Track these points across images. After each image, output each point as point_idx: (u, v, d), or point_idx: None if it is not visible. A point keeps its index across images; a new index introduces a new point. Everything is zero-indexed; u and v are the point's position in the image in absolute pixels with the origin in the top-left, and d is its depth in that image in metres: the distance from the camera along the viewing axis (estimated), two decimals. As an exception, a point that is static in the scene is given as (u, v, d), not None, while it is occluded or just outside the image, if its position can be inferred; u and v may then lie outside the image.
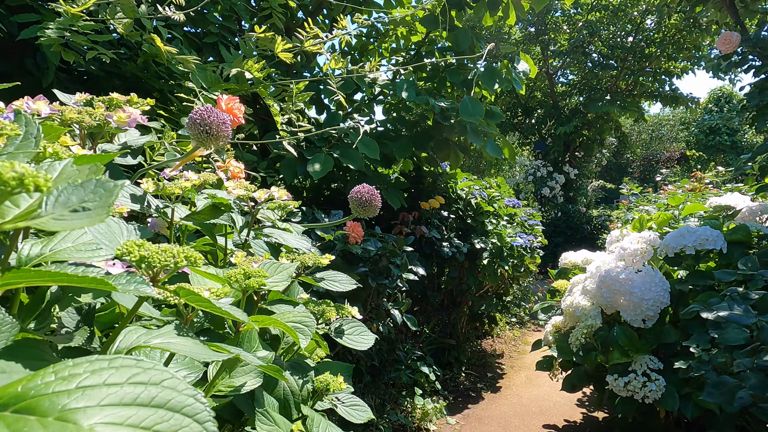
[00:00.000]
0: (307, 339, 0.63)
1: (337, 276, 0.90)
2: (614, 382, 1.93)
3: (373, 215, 0.99)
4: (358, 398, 0.84)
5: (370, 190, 0.96)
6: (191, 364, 0.54)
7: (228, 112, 1.42)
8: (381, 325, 2.32)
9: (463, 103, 3.01)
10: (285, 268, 0.71)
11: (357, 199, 0.95)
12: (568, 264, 2.81)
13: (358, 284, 0.91)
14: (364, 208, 0.96)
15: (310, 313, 0.68)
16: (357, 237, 2.06)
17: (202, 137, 0.73)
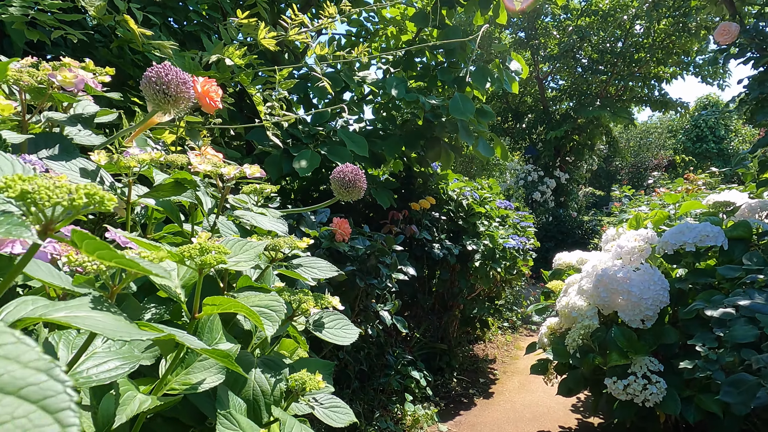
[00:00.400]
0: (275, 326, 0.53)
1: (317, 262, 0.81)
2: (613, 385, 1.84)
3: (358, 197, 0.90)
4: (339, 399, 0.74)
5: (354, 169, 0.87)
6: (128, 353, 0.44)
7: (204, 95, 1.32)
8: (370, 327, 2.22)
9: (454, 100, 2.93)
10: (252, 247, 0.61)
11: (339, 179, 0.86)
12: (563, 265, 2.73)
13: (339, 271, 0.82)
14: (347, 189, 0.87)
15: (283, 300, 0.59)
16: (344, 234, 1.97)
17: (158, 98, 0.63)
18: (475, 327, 3.88)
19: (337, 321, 0.81)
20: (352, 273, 2.06)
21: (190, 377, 0.56)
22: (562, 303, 2.27)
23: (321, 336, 0.76)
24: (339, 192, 0.88)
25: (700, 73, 8.10)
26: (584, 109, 8.05)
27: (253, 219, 0.78)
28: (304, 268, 0.79)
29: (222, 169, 0.75)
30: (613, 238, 2.42)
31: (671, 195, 2.37)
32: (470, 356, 3.91)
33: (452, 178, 3.79)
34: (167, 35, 2.08)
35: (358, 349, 2.54)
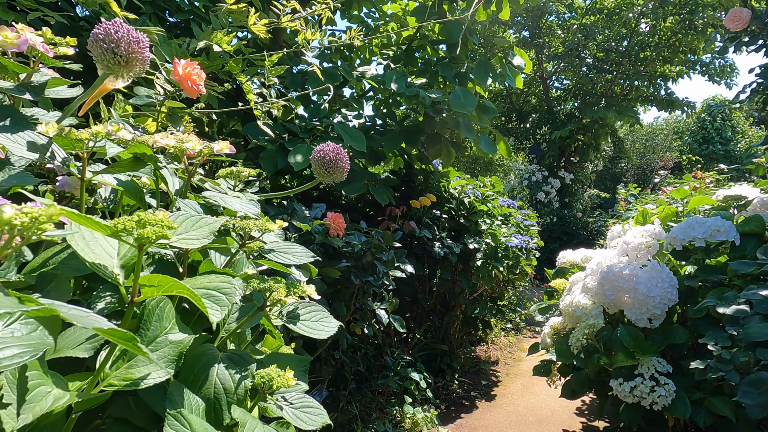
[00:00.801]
0: (222, 310, 0.46)
1: (291, 247, 0.74)
2: (619, 387, 1.76)
3: (340, 179, 0.82)
4: (312, 399, 0.67)
5: (335, 148, 0.80)
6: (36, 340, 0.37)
7: (185, 79, 1.26)
8: (366, 327, 2.14)
9: (455, 94, 2.86)
10: (207, 224, 0.54)
11: (319, 158, 0.79)
12: (567, 263, 2.65)
13: (315, 257, 0.75)
14: (328, 170, 0.79)
15: (236, 283, 0.51)
16: (338, 229, 1.90)
17: (107, 58, 0.56)
18: (477, 328, 3.80)
19: (315, 312, 0.73)
20: (347, 270, 1.98)
21: (133, 371, 0.48)
22: (565, 302, 2.18)
23: (294, 328, 0.68)
24: (319, 173, 0.81)
25: (707, 72, 7.98)
26: (589, 109, 7.95)
27: (222, 200, 0.71)
28: (276, 253, 0.71)
29: (186, 144, 0.68)
30: (619, 235, 2.34)
31: (679, 190, 2.28)
32: (472, 358, 3.83)
33: (454, 175, 3.71)
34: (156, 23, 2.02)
35: (355, 349, 2.46)
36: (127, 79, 0.62)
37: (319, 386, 2.11)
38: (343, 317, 2.15)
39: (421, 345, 3.40)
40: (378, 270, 2.09)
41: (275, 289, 0.64)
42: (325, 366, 2.26)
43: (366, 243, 2.04)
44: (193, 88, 1.26)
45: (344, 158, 0.80)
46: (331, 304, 2.05)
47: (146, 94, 1.27)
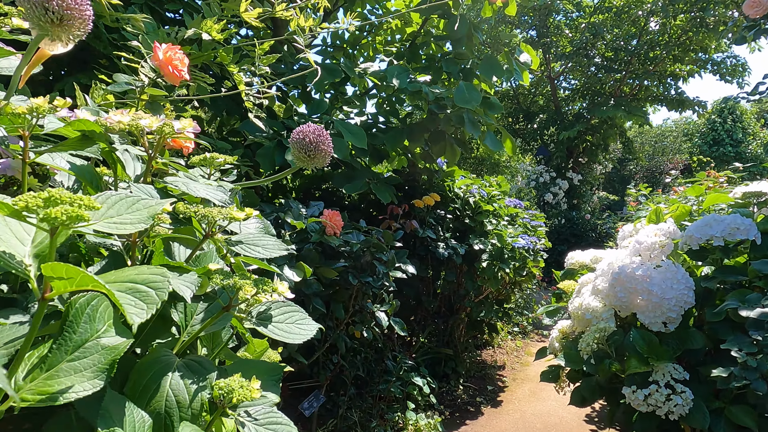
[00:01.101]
0: (149, 309, 0.37)
1: (262, 239, 0.65)
2: (632, 395, 1.65)
3: (322, 165, 0.74)
4: (280, 415, 0.58)
5: (316, 129, 0.71)
6: None
7: (166, 64, 1.18)
8: (365, 330, 2.05)
9: (459, 89, 2.77)
10: (146, 206, 0.45)
11: (298, 140, 0.71)
12: (575, 264, 2.54)
13: (290, 250, 0.66)
14: (308, 154, 0.71)
15: (168, 277, 0.42)
16: (335, 227, 1.81)
17: (37, 16, 0.48)
18: (482, 331, 3.69)
19: (290, 314, 0.64)
20: (344, 270, 1.90)
21: (51, 384, 0.40)
22: (574, 304, 2.08)
23: (264, 331, 0.60)
24: (299, 157, 0.72)
25: (718, 71, 7.83)
26: (598, 109, 7.82)
27: (185, 185, 0.62)
28: (244, 245, 0.63)
29: (142, 121, 0.60)
30: (631, 234, 2.23)
31: (694, 187, 2.17)
32: (478, 362, 3.72)
33: (459, 175, 3.62)
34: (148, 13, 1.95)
35: (355, 352, 2.37)
36: (67, 43, 0.53)
37: (316, 392, 2.02)
38: (341, 320, 2.06)
39: (424, 349, 3.30)
40: (377, 270, 2.00)
41: (241, 286, 0.56)
42: (323, 370, 2.17)
43: (365, 242, 1.95)
44: (175, 74, 1.18)
45: (326, 141, 0.72)
46: (329, 305, 1.96)
47: (126, 81, 1.20)
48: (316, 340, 2.04)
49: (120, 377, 0.54)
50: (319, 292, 1.79)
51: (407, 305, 3.33)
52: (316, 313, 1.83)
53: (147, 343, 0.64)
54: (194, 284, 0.50)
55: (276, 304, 0.65)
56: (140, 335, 0.61)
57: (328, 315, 2.05)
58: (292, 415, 2.29)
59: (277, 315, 0.63)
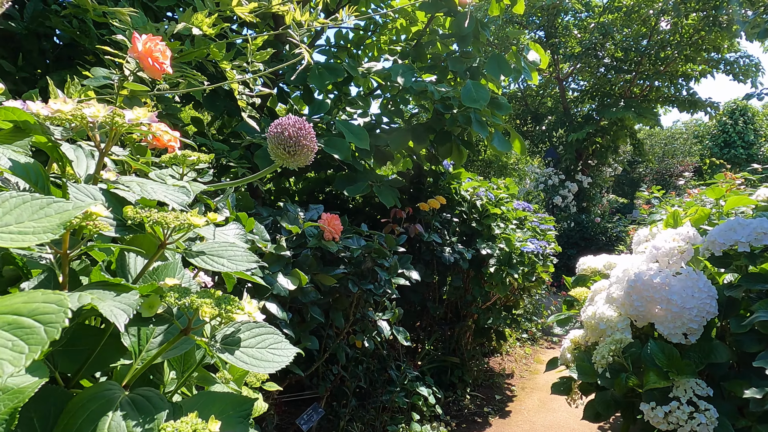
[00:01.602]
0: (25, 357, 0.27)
1: (228, 249, 0.56)
2: (651, 412, 1.54)
3: (304, 163, 0.65)
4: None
5: (297, 121, 0.62)
6: None
7: (145, 55, 1.09)
8: (366, 339, 1.95)
9: (466, 88, 2.67)
10: (59, 211, 0.36)
11: (276, 135, 0.61)
12: (587, 270, 2.43)
13: (260, 262, 0.57)
14: (288, 150, 0.62)
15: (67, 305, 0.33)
16: (334, 232, 1.72)
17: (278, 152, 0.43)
18: (490, 338, 3.58)
19: (263, 337, 0.55)
20: (344, 276, 1.80)
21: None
22: (587, 313, 1.97)
23: (230, 360, 0.50)
24: (278, 154, 0.63)
25: (731, 71, 7.66)
26: (607, 110, 7.68)
27: (140, 185, 0.53)
28: (207, 256, 0.54)
29: (86, 110, 0.51)
30: (646, 239, 2.12)
31: (714, 189, 2.06)
32: (485, 370, 3.61)
33: (465, 177, 3.51)
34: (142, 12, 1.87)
35: (356, 362, 2.27)
36: None
37: (315, 405, 1.92)
38: (341, 329, 1.96)
39: (430, 356, 3.20)
40: (379, 277, 1.90)
41: (199, 306, 0.46)
42: (322, 382, 2.07)
43: (366, 247, 1.85)
44: (155, 66, 1.09)
45: (309, 135, 0.63)
46: (328, 314, 1.87)
47: (103, 75, 1.11)
48: (315, 350, 1.94)
49: (51, 421, 0.45)
50: (317, 300, 1.69)
51: (412, 312, 3.23)
52: (314, 322, 1.74)
53: (95, 370, 0.54)
54: (132, 306, 0.41)
55: (247, 325, 0.55)
56: (85, 361, 0.52)
57: (327, 324, 1.96)
58: (290, 430, 2.20)
59: (248, 338, 0.54)
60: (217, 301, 0.49)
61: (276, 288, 1.43)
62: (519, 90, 9.37)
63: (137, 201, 0.53)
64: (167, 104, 1.98)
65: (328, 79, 2.81)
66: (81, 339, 0.54)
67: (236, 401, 0.53)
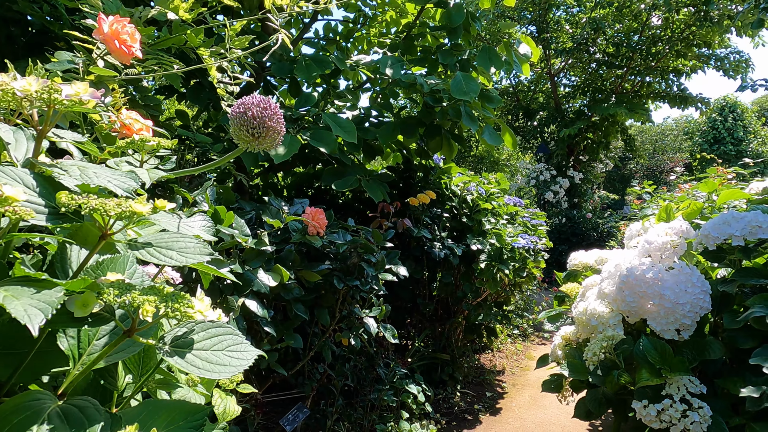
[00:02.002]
0: None
1: (179, 241, 0.50)
2: (643, 410, 1.51)
3: (271, 146, 0.59)
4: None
5: (262, 100, 0.57)
6: None
7: (112, 38, 1.03)
8: (353, 337, 1.90)
9: (455, 80, 2.62)
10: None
11: (238, 115, 0.56)
12: (579, 265, 2.39)
13: (214, 255, 0.52)
14: (252, 133, 0.56)
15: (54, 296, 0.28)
16: (318, 226, 1.66)
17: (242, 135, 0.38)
18: (481, 335, 3.54)
19: (221, 338, 0.49)
20: (329, 272, 1.75)
21: None
22: (579, 309, 1.93)
23: (179, 364, 0.45)
24: (241, 137, 0.57)
25: (721, 67, 7.67)
26: (599, 106, 7.67)
27: (81, 170, 0.47)
28: (154, 248, 0.48)
29: (14, 83, 0.45)
30: (639, 234, 2.08)
31: (707, 183, 2.03)
32: (476, 367, 3.57)
33: (456, 172, 3.46)
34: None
35: (343, 360, 2.22)
36: None
37: (300, 404, 1.87)
38: (326, 326, 1.91)
39: (420, 354, 3.15)
40: (366, 273, 1.85)
41: (141, 303, 0.41)
42: (308, 380, 2.02)
43: (352, 242, 1.80)
44: (123, 49, 1.03)
45: (275, 116, 0.57)
46: (313, 311, 1.81)
47: (68, 59, 1.04)
48: (300, 348, 1.89)
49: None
50: (300, 297, 1.64)
51: (402, 308, 3.18)
52: (298, 320, 1.68)
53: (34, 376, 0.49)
54: (51, 305, 0.35)
55: (203, 325, 0.50)
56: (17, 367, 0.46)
57: (312, 321, 1.90)
58: (275, 430, 2.14)
59: (202, 340, 0.48)
60: (164, 298, 0.43)
61: (256, 284, 1.37)
62: (511, 86, 9.34)
63: (78, 187, 0.47)
64: (145, 94, 1.92)
65: (315, 71, 2.75)
66: (18, 341, 0.48)
67: (187, 410, 0.47)
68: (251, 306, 1.35)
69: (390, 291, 2.84)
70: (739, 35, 7.14)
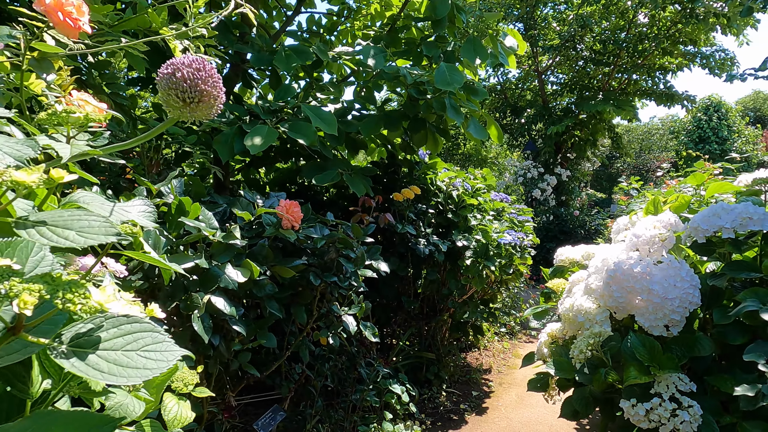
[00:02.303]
0: None
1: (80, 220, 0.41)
2: (631, 410, 1.45)
3: (206, 115, 0.51)
4: None
5: (194, 61, 0.49)
6: None
7: (54, 9, 0.94)
8: (332, 336, 1.82)
9: (439, 70, 2.55)
10: None
11: (167, 77, 0.48)
12: (565, 261, 2.34)
13: (122, 236, 0.43)
14: (182, 97, 0.48)
15: None
16: (293, 220, 1.58)
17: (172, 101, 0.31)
18: (467, 333, 3.48)
19: (137, 336, 0.42)
20: (305, 267, 1.67)
21: None
22: (565, 305, 1.87)
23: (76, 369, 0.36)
24: (169, 102, 0.49)
25: (707, 65, 7.71)
26: (586, 103, 7.66)
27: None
28: (48, 227, 0.40)
29: None
30: (626, 228, 2.03)
31: (696, 176, 1.98)
32: (462, 366, 3.51)
33: (441, 167, 3.40)
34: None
35: (323, 360, 2.14)
36: None
37: (275, 407, 1.78)
38: (303, 325, 1.83)
39: (405, 352, 3.08)
40: (345, 269, 1.77)
41: (17, 293, 0.33)
42: (285, 382, 1.94)
43: (329, 236, 1.72)
44: (67, 23, 0.94)
45: (210, 78, 0.49)
46: (289, 309, 1.73)
47: (7, 33, 0.95)
48: (275, 348, 1.80)
49: None
50: (275, 294, 1.56)
51: (386, 306, 3.11)
52: (273, 318, 1.60)
53: None
54: None
55: (115, 320, 0.42)
56: None
57: (289, 320, 1.82)
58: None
59: (112, 338, 0.40)
60: (54, 287, 0.35)
61: (223, 280, 1.29)
62: (498, 83, 9.30)
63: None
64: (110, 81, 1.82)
65: (295, 62, 2.66)
66: None
67: (90, 423, 0.39)
68: (218, 303, 1.26)
69: (374, 289, 2.77)
70: (724, 33, 7.17)
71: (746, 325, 1.45)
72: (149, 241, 1.20)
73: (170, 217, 1.34)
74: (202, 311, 1.25)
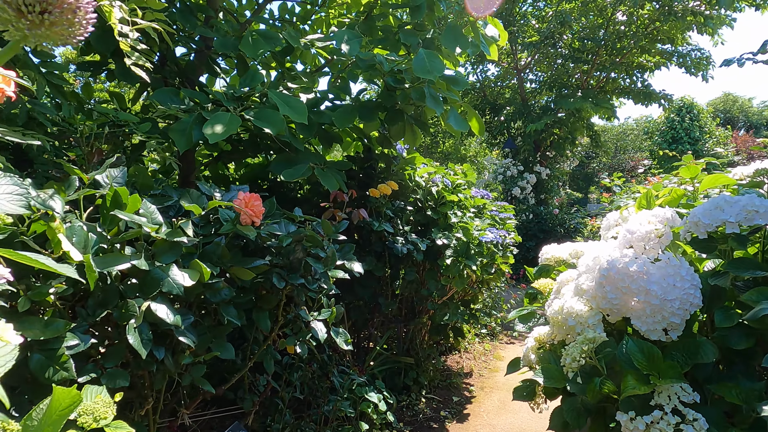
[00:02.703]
0: None
1: None
2: (630, 424, 1.31)
3: (62, 38, 0.33)
4: None
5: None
6: None
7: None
8: (299, 344, 1.64)
9: (418, 57, 2.39)
10: None
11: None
12: (551, 260, 2.20)
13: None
14: (15, 3, 0.31)
15: None
16: (252, 215, 1.40)
17: None
18: (447, 336, 3.33)
19: None
20: (267, 268, 1.49)
21: None
22: (553, 308, 1.73)
23: None
24: (4, 18, 0.32)
25: (683, 64, 7.74)
26: (565, 101, 7.62)
27: None
28: None
29: None
30: (617, 223, 1.90)
31: (690, 167, 1.86)
32: (442, 370, 3.36)
33: (420, 162, 3.24)
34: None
35: (291, 369, 1.96)
36: None
37: (236, 423, 1.60)
38: (267, 332, 1.65)
39: (383, 357, 2.92)
40: (313, 270, 1.60)
41: None
42: (249, 395, 1.75)
43: (295, 233, 1.54)
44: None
45: None
46: (249, 315, 1.54)
47: None
48: (235, 359, 1.62)
49: None
50: (232, 298, 1.37)
51: (362, 308, 2.94)
52: (231, 325, 1.41)
53: None
54: None
55: None
56: None
57: (252, 327, 1.64)
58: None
59: None
60: None
61: (167, 284, 1.10)
62: (477, 81, 9.22)
63: None
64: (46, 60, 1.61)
65: (263, 47, 2.47)
66: None
67: None
68: (158, 311, 1.07)
69: (349, 290, 2.60)
70: (701, 33, 7.21)
71: (750, 328, 1.33)
72: (73, 238, 1.01)
73: (104, 210, 1.15)
74: (140, 321, 1.06)
